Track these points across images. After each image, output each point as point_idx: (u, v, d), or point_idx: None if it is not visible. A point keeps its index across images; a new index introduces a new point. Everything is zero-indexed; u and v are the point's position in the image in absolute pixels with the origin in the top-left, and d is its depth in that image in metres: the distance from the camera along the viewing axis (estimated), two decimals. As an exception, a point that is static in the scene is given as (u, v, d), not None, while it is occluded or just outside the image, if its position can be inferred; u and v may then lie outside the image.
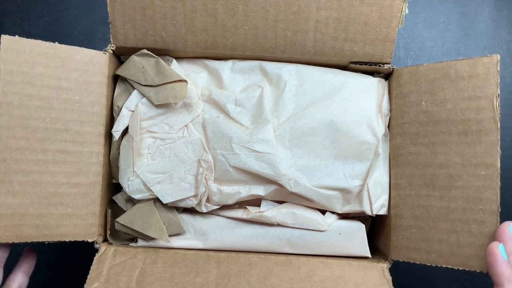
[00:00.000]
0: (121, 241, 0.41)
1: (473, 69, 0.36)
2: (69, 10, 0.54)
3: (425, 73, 0.38)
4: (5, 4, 0.53)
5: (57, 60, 0.37)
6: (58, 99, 0.37)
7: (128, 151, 0.40)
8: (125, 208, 0.41)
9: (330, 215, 0.42)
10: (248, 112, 0.41)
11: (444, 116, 0.37)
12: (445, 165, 0.37)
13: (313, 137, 0.40)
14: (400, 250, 0.39)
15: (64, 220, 0.37)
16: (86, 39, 0.54)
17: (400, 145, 0.40)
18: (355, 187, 0.40)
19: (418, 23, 0.55)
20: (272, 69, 0.42)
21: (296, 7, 0.38)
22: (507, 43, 0.54)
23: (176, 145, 0.40)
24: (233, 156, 0.40)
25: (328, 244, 0.41)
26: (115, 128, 0.40)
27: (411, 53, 0.55)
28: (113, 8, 0.38)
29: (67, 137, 0.37)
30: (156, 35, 0.40)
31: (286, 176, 0.39)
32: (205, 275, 0.37)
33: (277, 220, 0.40)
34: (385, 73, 0.43)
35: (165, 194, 0.40)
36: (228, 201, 0.40)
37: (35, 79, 0.36)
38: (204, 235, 0.41)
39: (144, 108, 0.40)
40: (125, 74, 0.40)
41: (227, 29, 0.39)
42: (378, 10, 0.38)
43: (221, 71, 0.42)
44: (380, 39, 0.39)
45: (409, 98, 0.40)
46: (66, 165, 0.37)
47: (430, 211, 0.37)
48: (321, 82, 0.42)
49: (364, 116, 0.40)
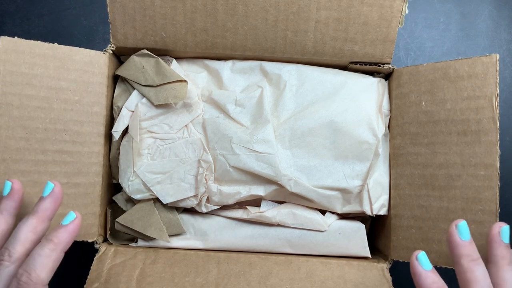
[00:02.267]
0: (121, 241, 0.41)
1: (473, 69, 0.36)
2: (69, 10, 0.54)
3: (425, 73, 0.38)
4: (5, 4, 0.53)
5: (56, 61, 0.37)
6: (57, 100, 0.37)
7: (128, 151, 0.40)
8: (125, 208, 0.41)
9: (330, 215, 0.42)
10: (248, 112, 0.41)
11: (443, 116, 0.37)
12: (445, 165, 0.37)
13: (313, 137, 0.40)
14: (400, 250, 0.39)
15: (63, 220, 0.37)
16: (86, 39, 0.54)
17: (400, 145, 0.40)
18: (355, 187, 0.40)
19: (418, 23, 0.55)
20: (272, 69, 0.42)
21: (296, 7, 0.38)
22: (507, 43, 0.54)
23: (176, 145, 0.40)
24: (233, 156, 0.40)
25: (328, 244, 0.41)
26: (115, 128, 0.40)
27: (411, 53, 0.55)
28: (113, 8, 0.38)
29: (67, 137, 0.37)
30: (156, 35, 0.39)
31: (286, 176, 0.39)
32: (205, 275, 0.37)
33: (277, 220, 0.40)
34: (385, 73, 0.43)
35: (165, 194, 0.40)
36: (228, 201, 0.40)
37: (34, 80, 0.36)
38: (204, 235, 0.41)
39: (144, 108, 0.40)
40: (125, 74, 0.40)
41: (227, 29, 0.39)
42: (378, 10, 0.38)
43: (221, 71, 0.42)
44: (380, 39, 0.39)
45: (409, 98, 0.40)
46: (65, 165, 0.37)
47: (430, 211, 0.37)
48: (321, 82, 0.42)
49: (364, 116, 0.40)
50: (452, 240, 0.31)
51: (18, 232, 0.31)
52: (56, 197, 0.33)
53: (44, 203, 0.32)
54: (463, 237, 0.31)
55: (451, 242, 0.31)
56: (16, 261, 0.30)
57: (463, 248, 0.31)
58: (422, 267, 0.31)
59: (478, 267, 0.30)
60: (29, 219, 0.31)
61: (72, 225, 0.31)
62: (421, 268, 0.31)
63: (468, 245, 0.31)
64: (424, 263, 0.31)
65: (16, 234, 0.31)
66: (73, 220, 0.32)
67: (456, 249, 0.31)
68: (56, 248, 0.30)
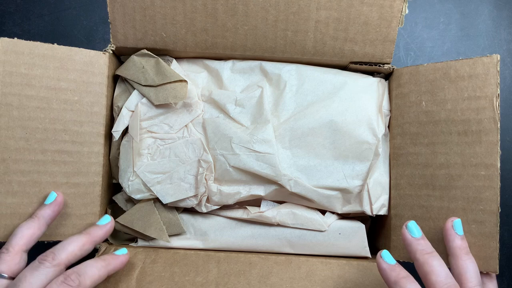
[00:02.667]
0: (121, 241, 0.41)
1: (473, 69, 0.36)
2: (69, 10, 0.54)
3: (425, 73, 0.38)
4: (5, 4, 0.53)
5: (56, 61, 0.37)
6: (57, 100, 0.37)
7: (128, 151, 0.40)
8: (125, 208, 0.41)
9: (330, 215, 0.42)
10: (248, 112, 0.41)
11: (444, 116, 0.37)
12: (445, 165, 0.37)
13: (313, 137, 0.40)
14: (400, 250, 0.39)
15: (63, 219, 0.38)
16: (86, 39, 0.54)
17: (400, 145, 0.40)
18: (355, 187, 0.40)
19: (418, 23, 0.55)
20: (272, 69, 0.42)
21: (296, 7, 0.38)
22: (507, 43, 0.54)
23: (176, 145, 0.40)
24: (233, 156, 0.40)
25: (328, 244, 0.41)
26: (115, 128, 0.39)
27: (411, 53, 0.55)
28: (113, 8, 0.38)
29: (66, 137, 0.37)
30: (156, 35, 0.39)
31: (286, 176, 0.39)
32: (205, 274, 0.37)
33: (277, 220, 0.40)
34: (385, 73, 0.43)
35: (165, 194, 0.40)
36: (228, 201, 0.40)
37: (34, 80, 0.36)
38: (204, 235, 0.41)
39: (144, 108, 0.40)
40: (125, 74, 0.40)
41: (227, 29, 0.39)
42: (378, 10, 0.38)
43: (221, 71, 0.42)
44: (380, 39, 0.39)
45: (409, 98, 0.40)
46: (65, 165, 0.37)
47: (431, 211, 0.37)
48: (321, 82, 0.41)
49: (364, 116, 0.40)
50: (405, 239, 0.34)
51: (68, 244, 0.33)
52: (108, 229, 0.36)
53: (97, 228, 0.36)
54: (414, 235, 0.33)
55: (405, 241, 0.34)
56: (56, 265, 0.31)
57: (416, 244, 0.33)
58: (411, 235, 0.33)
59: (434, 259, 0.32)
60: (80, 237, 0.34)
61: (121, 256, 0.35)
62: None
63: (421, 240, 0.33)
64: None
65: (65, 245, 0.33)
66: (121, 253, 0.35)
67: (410, 246, 0.33)
68: (107, 267, 0.33)
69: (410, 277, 0.31)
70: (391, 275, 0.32)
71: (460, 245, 0.33)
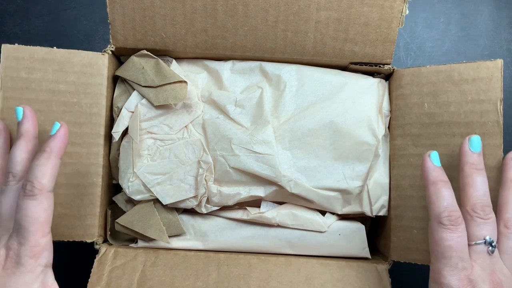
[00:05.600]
0: (121, 241, 0.41)
1: (477, 73, 0.36)
2: (69, 10, 0.54)
3: (428, 75, 0.38)
4: (5, 4, 0.53)
5: (55, 64, 0.37)
6: (56, 102, 0.37)
7: (128, 152, 0.40)
8: (125, 209, 0.41)
9: (330, 216, 0.42)
10: (248, 113, 0.41)
11: (447, 118, 0.37)
12: (447, 167, 0.37)
13: (313, 138, 0.40)
14: (400, 251, 0.39)
15: (62, 220, 0.38)
16: (86, 39, 0.54)
17: (401, 146, 0.40)
18: (355, 188, 0.40)
19: (418, 23, 0.55)
20: (272, 69, 0.42)
21: (296, 7, 0.38)
22: (507, 43, 0.54)
23: (176, 146, 0.40)
24: (233, 157, 0.39)
25: (328, 245, 0.41)
26: (114, 129, 0.39)
27: (411, 53, 0.55)
28: (112, 9, 0.38)
29: (66, 138, 0.37)
30: (155, 35, 0.39)
31: (286, 177, 0.39)
32: (205, 278, 0.37)
33: (277, 221, 0.40)
34: (386, 73, 0.43)
35: (165, 195, 0.40)
36: (228, 202, 0.40)
37: (33, 84, 0.37)
38: (204, 236, 0.41)
39: (144, 109, 0.40)
40: (125, 75, 0.40)
41: (227, 29, 0.39)
42: (378, 10, 0.38)
43: (221, 72, 0.42)
44: (381, 39, 0.39)
45: (410, 99, 0.40)
46: (65, 166, 0.37)
47: (431, 212, 0.37)
48: (321, 83, 0.41)
49: (364, 117, 0.40)
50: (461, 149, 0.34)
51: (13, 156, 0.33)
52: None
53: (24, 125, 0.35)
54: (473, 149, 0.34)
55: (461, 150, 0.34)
56: (20, 178, 0.33)
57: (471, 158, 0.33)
58: (432, 162, 0.34)
59: (480, 175, 0.33)
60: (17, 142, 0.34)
61: (59, 133, 0.33)
62: (431, 163, 0.34)
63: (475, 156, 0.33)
64: (435, 160, 0.34)
65: (12, 158, 0.33)
66: (59, 129, 0.34)
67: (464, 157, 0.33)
68: (50, 155, 0.32)
69: (449, 183, 0.32)
70: (432, 175, 0.33)
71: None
